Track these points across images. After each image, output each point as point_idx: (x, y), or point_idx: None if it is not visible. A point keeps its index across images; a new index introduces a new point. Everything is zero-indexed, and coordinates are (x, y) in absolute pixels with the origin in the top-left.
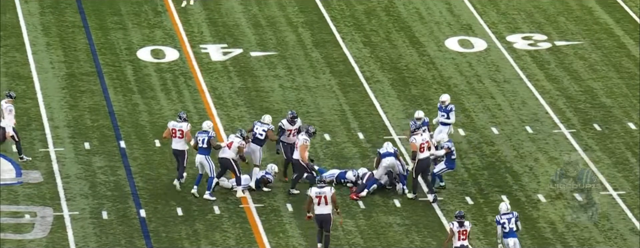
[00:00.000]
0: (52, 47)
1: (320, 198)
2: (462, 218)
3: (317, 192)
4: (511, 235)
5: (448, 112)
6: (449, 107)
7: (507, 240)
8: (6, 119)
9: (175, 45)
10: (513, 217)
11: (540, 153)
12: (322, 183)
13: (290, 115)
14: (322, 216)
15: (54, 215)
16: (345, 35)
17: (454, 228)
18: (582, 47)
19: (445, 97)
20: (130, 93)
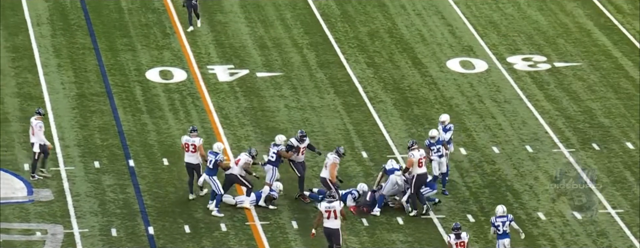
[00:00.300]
0: (63, 68)
1: (329, 213)
2: (458, 230)
3: (327, 206)
4: (504, 236)
5: (446, 132)
6: (449, 126)
7: (501, 241)
8: (36, 135)
9: (183, 66)
10: (508, 221)
11: (540, 172)
12: (331, 198)
13: (299, 134)
14: (330, 230)
15: (64, 233)
16: (349, 56)
17: (451, 240)
18: (581, 68)
19: (445, 116)
20: (139, 113)
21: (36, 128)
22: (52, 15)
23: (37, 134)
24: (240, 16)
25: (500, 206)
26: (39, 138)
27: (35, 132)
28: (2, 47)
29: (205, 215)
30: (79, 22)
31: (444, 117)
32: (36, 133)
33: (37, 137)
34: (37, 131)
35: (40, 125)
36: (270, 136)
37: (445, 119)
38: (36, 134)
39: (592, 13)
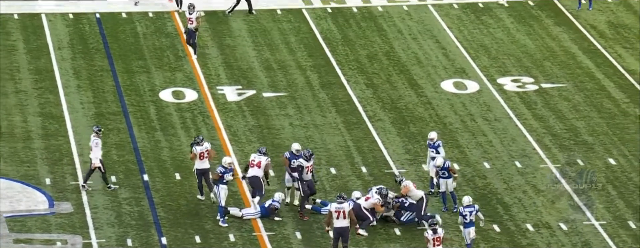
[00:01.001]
0: (83, 89)
1: (339, 213)
2: (435, 226)
3: (337, 207)
4: (470, 225)
5: (436, 148)
6: (437, 143)
7: (467, 230)
8: (93, 151)
9: (195, 87)
10: (474, 210)
11: (528, 186)
12: (341, 199)
13: (307, 153)
14: (340, 229)
15: (83, 243)
16: (349, 77)
17: (428, 236)
18: (566, 89)
19: (433, 134)
20: (153, 131)
21: (92, 144)
22: (72, 39)
23: (94, 150)
24: (247, 40)
25: (466, 197)
26: (94, 155)
27: (93, 148)
28: (26, 69)
29: (215, 226)
30: (97, 46)
31: (432, 135)
32: (93, 149)
33: (93, 154)
34: (93, 147)
35: (96, 142)
36: (275, 152)
37: (434, 136)
38: (93, 150)
39: (577, 37)
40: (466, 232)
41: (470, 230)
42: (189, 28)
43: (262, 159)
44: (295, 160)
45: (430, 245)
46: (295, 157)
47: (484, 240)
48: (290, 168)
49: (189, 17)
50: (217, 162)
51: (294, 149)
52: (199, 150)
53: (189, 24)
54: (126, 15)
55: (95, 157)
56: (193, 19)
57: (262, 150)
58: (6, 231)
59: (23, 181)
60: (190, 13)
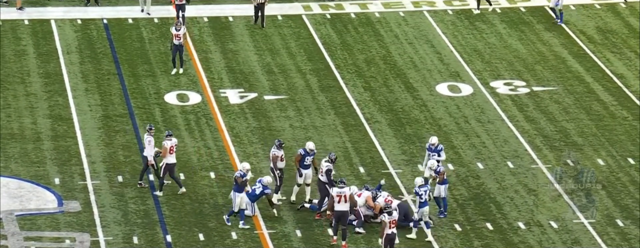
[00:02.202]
0: (90, 92)
1: (340, 197)
2: (390, 209)
3: (338, 191)
4: (425, 204)
5: (439, 152)
6: (439, 147)
7: (422, 209)
8: (147, 149)
9: (198, 90)
10: (429, 190)
11: (520, 185)
12: (342, 184)
13: (333, 156)
14: (340, 212)
15: (90, 240)
16: (348, 81)
17: (385, 219)
18: (556, 92)
19: (434, 139)
20: (158, 132)
21: (145, 142)
22: (80, 44)
23: (147, 149)
24: (249, 45)
25: (418, 178)
26: (148, 153)
27: (146, 146)
28: (36, 73)
29: (218, 224)
30: (105, 50)
31: (434, 140)
32: (146, 147)
33: (147, 152)
34: (146, 145)
35: (149, 140)
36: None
37: (435, 141)
38: (146, 149)
39: (567, 42)
40: (420, 212)
41: (424, 209)
42: (174, 44)
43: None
44: (309, 157)
45: (387, 228)
46: (308, 155)
47: (477, 237)
48: (302, 166)
49: (177, 34)
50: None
51: (308, 148)
52: (168, 144)
53: (176, 40)
54: (132, 21)
55: (149, 155)
56: (180, 35)
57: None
58: (17, 229)
59: (33, 181)
60: (177, 29)
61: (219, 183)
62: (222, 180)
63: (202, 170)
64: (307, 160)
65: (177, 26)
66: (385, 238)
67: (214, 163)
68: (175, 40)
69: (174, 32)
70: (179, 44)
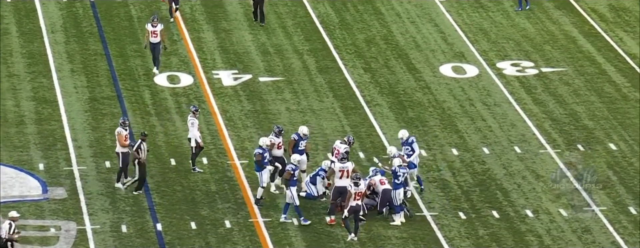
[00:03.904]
0: (76, 73)
1: (343, 172)
2: (358, 180)
3: (341, 166)
4: (401, 186)
5: (411, 145)
6: (410, 139)
7: (397, 191)
8: (190, 131)
9: (190, 71)
10: (407, 172)
11: (527, 171)
12: (344, 160)
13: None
14: (341, 188)
15: (77, 229)
16: (347, 62)
17: (351, 189)
18: (566, 73)
19: (402, 132)
20: (148, 115)
21: (188, 124)
22: (65, 23)
23: (191, 130)
24: (243, 24)
25: (397, 159)
26: (193, 134)
27: (190, 128)
28: (18, 53)
29: (211, 212)
30: (91, 29)
31: (402, 133)
32: (190, 129)
33: (191, 133)
34: (190, 127)
35: (191, 122)
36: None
37: (403, 135)
38: (190, 130)
39: (577, 21)
40: (396, 193)
41: (400, 191)
42: (151, 42)
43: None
44: (303, 142)
45: (352, 199)
46: (302, 139)
47: (482, 226)
48: (297, 151)
49: (154, 30)
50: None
51: (301, 132)
52: (125, 133)
53: (153, 38)
54: None
55: (195, 136)
56: (157, 32)
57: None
58: None
59: (16, 166)
60: (154, 26)
61: (211, 169)
62: (214, 165)
63: None
64: (301, 145)
65: (153, 22)
66: (350, 209)
67: (207, 148)
68: (151, 37)
69: (149, 29)
70: (156, 42)
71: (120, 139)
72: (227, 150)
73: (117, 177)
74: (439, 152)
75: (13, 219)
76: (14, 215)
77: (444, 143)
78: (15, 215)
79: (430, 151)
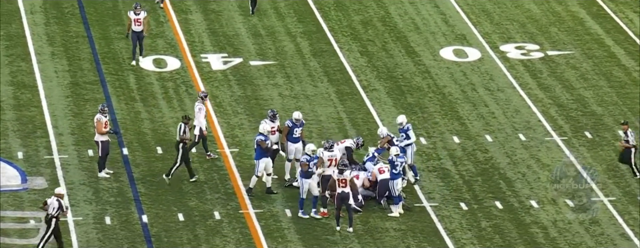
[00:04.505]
0: (57, 57)
1: (331, 161)
2: (344, 167)
3: (329, 155)
4: (398, 176)
5: (406, 132)
6: (407, 126)
7: (395, 181)
8: (197, 117)
9: (177, 55)
10: (405, 162)
11: (532, 160)
12: (331, 148)
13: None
14: (327, 176)
15: None
16: (342, 45)
17: (334, 175)
18: (573, 56)
19: (401, 118)
20: (133, 101)
21: (196, 110)
22: (45, 3)
23: (197, 117)
24: (233, 4)
25: (394, 147)
26: (198, 122)
27: (196, 114)
28: None
29: (199, 203)
30: (73, 10)
31: (400, 119)
32: (196, 116)
33: (197, 120)
34: (196, 114)
35: (199, 107)
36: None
37: (402, 121)
38: (197, 117)
39: (585, 1)
40: (394, 183)
41: (397, 181)
42: (134, 30)
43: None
44: (297, 129)
45: (337, 186)
46: (296, 126)
47: (485, 217)
48: (291, 139)
49: (136, 18)
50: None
51: (294, 118)
52: (104, 120)
53: (136, 26)
54: None
55: (200, 124)
56: (141, 20)
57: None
58: None
59: None
60: (136, 13)
61: (200, 158)
62: (203, 154)
63: None
64: (296, 133)
65: (136, 9)
66: (337, 197)
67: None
68: (134, 25)
69: (132, 17)
70: (139, 31)
71: (100, 127)
72: (217, 138)
73: (99, 167)
74: (440, 140)
75: (59, 196)
76: (60, 191)
77: (444, 130)
78: (62, 192)
79: (430, 139)
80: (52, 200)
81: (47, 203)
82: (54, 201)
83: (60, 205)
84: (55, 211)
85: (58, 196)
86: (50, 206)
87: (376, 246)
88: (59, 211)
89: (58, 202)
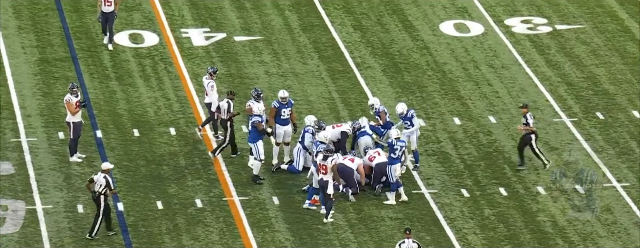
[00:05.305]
0: (24, 31)
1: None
2: (328, 153)
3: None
4: (397, 161)
5: (410, 120)
6: (410, 113)
7: (394, 166)
8: (209, 95)
9: (155, 30)
10: (405, 146)
11: (540, 143)
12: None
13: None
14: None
15: (26, 209)
16: (334, 18)
17: (318, 159)
18: (584, 31)
19: (401, 106)
20: (107, 80)
21: (208, 88)
22: None
23: (210, 94)
24: None
25: (394, 130)
26: (211, 99)
27: (208, 92)
28: None
29: (179, 190)
30: None
31: (401, 107)
32: (209, 93)
33: (210, 97)
34: (209, 91)
35: (211, 85)
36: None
37: (402, 110)
38: (209, 95)
39: None
40: (391, 169)
41: (396, 166)
42: (103, 11)
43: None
44: (285, 110)
45: (316, 172)
46: (284, 106)
47: (488, 205)
48: (279, 121)
49: None
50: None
51: (280, 97)
52: (75, 100)
53: (106, 6)
54: None
55: (214, 101)
56: (111, 0)
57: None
58: None
59: None
60: None
61: (180, 141)
62: (184, 137)
63: (160, 126)
64: (284, 113)
65: None
66: (319, 182)
67: (175, 117)
68: (104, 6)
69: None
70: (109, 12)
71: (70, 107)
72: (198, 120)
73: (70, 151)
74: (439, 121)
75: (107, 171)
76: (107, 166)
77: (444, 111)
78: (109, 167)
79: (429, 120)
80: (99, 177)
81: (93, 180)
82: (101, 178)
83: (108, 181)
84: (102, 188)
85: (105, 172)
86: (97, 183)
87: (371, 236)
88: (107, 188)
89: (105, 179)
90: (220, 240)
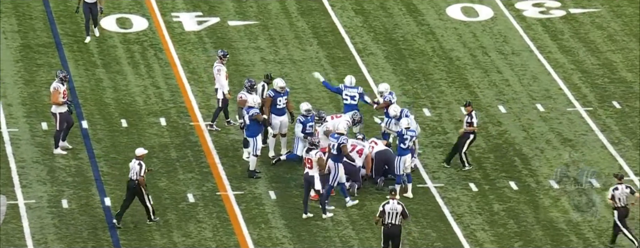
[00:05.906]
0: (5, 15)
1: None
2: (314, 146)
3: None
4: (407, 152)
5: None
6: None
7: (403, 158)
8: (217, 80)
9: (144, 14)
10: (415, 136)
11: (552, 134)
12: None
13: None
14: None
15: (7, 204)
16: (334, 2)
17: (306, 155)
18: (599, 14)
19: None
20: (94, 67)
21: (214, 72)
22: None
23: (218, 80)
24: None
25: (404, 119)
26: (220, 84)
27: (216, 77)
28: None
29: (170, 183)
30: None
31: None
32: (217, 78)
33: (218, 83)
34: (216, 76)
35: (218, 69)
36: None
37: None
38: (217, 80)
39: None
40: (400, 160)
41: (406, 158)
42: (86, 1)
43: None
44: (281, 99)
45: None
46: (280, 95)
47: (497, 200)
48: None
49: None
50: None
51: (277, 86)
52: (62, 89)
53: None
54: None
55: (222, 87)
56: None
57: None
58: None
59: None
60: None
61: (171, 132)
62: (174, 128)
63: (150, 116)
64: (280, 103)
65: None
66: (304, 176)
67: (165, 107)
68: None
69: None
70: (92, 2)
71: (55, 96)
72: (190, 109)
73: (55, 142)
74: (446, 111)
75: (140, 157)
76: (142, 152)
77: (451, 100)
78: (143, 152)
79: (435, 110)
80: (134, 164)
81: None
82: (136, 165)
83: (142, 168)
84: (137, 175)
85: (139, 158)
86: (132, 170)
87: (373, 233)
88: (142, 175)
89: (139, 165)
90: (213, 236)
